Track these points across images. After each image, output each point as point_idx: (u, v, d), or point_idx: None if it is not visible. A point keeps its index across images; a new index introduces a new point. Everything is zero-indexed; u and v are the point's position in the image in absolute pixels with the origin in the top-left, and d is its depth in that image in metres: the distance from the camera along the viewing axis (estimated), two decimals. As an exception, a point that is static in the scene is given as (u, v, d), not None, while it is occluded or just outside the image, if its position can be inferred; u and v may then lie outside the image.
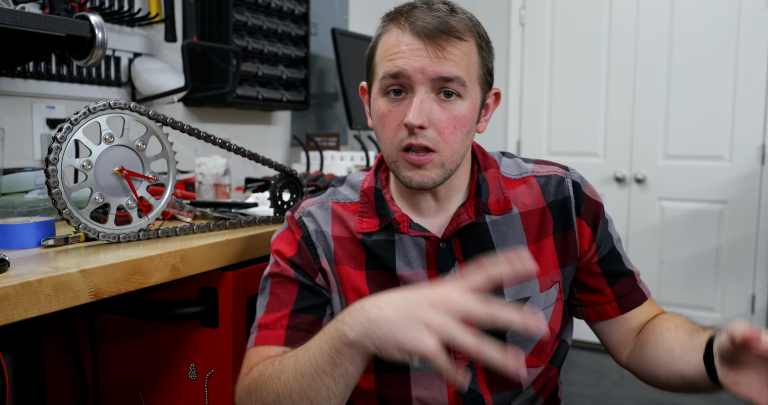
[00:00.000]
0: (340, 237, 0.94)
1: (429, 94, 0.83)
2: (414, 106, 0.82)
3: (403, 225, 0.91)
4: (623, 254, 0.98)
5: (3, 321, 0.69)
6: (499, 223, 0.92)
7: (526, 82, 3.42)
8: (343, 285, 0.92)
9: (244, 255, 1.09)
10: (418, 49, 0.82)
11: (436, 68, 0.81)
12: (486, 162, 0.96)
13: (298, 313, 0.90)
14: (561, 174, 0.96)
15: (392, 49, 0.84)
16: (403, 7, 0.87)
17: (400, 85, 0.84)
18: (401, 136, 0.84)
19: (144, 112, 1.01)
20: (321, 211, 0.96)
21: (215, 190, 1.46)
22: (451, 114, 0.84)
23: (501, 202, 0.93)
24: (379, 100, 0.87)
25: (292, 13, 2.01)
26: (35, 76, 1.39)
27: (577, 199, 0.94)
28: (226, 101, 1.75)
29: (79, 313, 1.19)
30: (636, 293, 0.97)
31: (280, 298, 0.91)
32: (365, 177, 0.98)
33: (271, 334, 0.89)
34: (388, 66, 0.83)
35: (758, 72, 2.91)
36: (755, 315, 3.00)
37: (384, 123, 0.86)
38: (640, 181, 3.17)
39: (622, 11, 3.16)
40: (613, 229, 0.98)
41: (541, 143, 3.39)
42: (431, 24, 0.82)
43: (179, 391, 1.10)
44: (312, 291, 0.92)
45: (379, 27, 0.89)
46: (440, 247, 0.91)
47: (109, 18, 1.53)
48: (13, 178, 1.18)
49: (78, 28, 1.09)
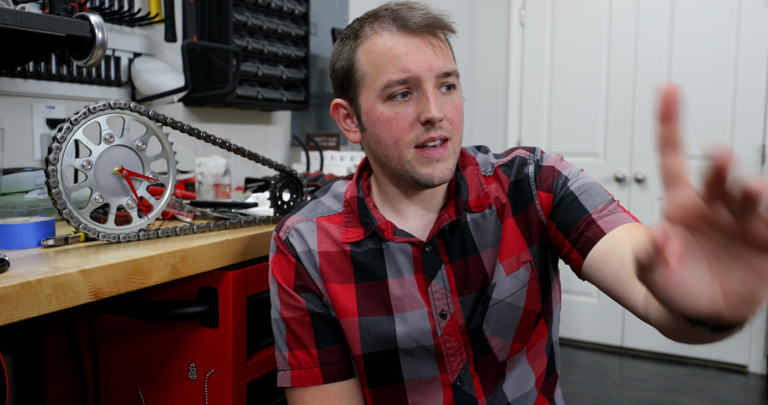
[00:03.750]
0: (327, 252, 0.94)
1: (435, 89, 0.84)
2: (431, 101, 0.82)
3: (387, 232, 0.91)
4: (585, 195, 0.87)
5: (3, 321, 0.69)
6: (479, 222, 0.92)
7: (526, 82, 3.42)
8: (334, 304, 0.93)
9: (244, 255, 1.09)
10: (420, 46, 0.82)
11: (440, 64, 0.83)
12: (464, 160, 0.96)
13: (324, 348, 0.93)
14: (524, 155, 0.95)
15: (391, 52, 0.83)
16: (378, 13, 0.86)
17: (407, 87, 0.83)
18: (415, 133, 0.84)
19: (144, 112, 1.01)
20: (306, 228, 0.95)
21: (215, 190, 1.46)
22: (453, 104, 0.86)
23: (481, 198, 0.92)
24: (378, 108, 0.85)
25: (292, 13, 2.01)
26: (35, 76, 1.39)
27: (536, 173, 0.92)
28: (226, 101, 1.75)
29: (79, 313, 1.19)
30: (590, 231, 0.83)
31: (301, 334, 0.93)
32: (348, 187, 0.98)
33: (308, 374, 0.92)
34: (394, 72, 0.82)
35: (758, 72, 2.91)
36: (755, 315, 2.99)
37: (391, 127, 0.85)
38: (640, 181, 3.17)
39: (622, 11, 3.16)
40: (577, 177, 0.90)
41: (541, 143, 3.39)
42: (425, 19, 0.83)
43: (179, 391, 1.10)
44: (324, 319, 0.94)
45: (349, 40, 0.87)
46: (425, 251, 0.91)
47: (109, 18, 1.53)
48: (13, 178, 1.18)
49: (78, 28, 1.09)
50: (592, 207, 0.86)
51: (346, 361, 0.94)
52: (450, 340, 0.90)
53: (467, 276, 0.91)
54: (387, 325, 0.91)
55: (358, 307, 0.92)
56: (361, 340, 0.92)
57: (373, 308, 0.91)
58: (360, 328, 0.92)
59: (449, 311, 0.90)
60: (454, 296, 0.90)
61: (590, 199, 0.87)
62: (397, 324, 0.91)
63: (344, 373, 0.94)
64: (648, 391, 2.78)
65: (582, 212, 0.86)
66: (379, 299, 0.91)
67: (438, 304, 0.90)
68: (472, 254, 0.91)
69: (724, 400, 2.70)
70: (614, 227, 0.82)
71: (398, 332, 0.91)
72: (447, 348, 0.91)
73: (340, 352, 0.94)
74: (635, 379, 2.94)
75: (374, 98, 0.85)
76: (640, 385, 2.85)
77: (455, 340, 0.90)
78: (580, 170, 0.93)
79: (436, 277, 0.90)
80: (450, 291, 0.90)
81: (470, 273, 0.90)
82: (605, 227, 0.82)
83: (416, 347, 0.91)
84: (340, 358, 0.94)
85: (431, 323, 0.90)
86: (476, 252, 0.91)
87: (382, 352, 0.92)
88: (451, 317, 0.90)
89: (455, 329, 0.90)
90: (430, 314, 0.90)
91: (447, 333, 0.90)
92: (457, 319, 0.90)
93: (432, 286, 0.91)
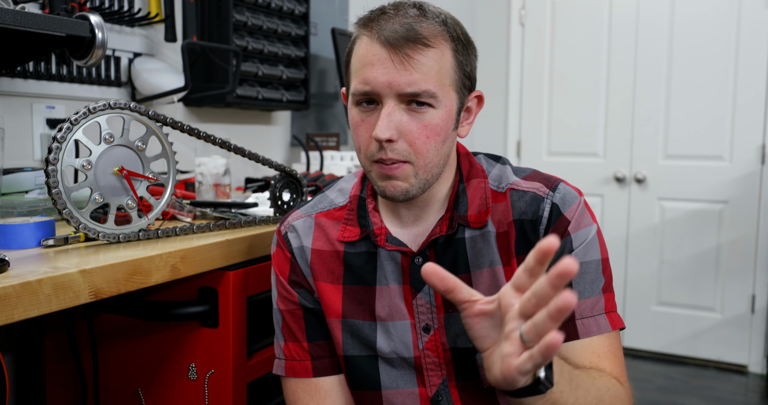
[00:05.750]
0: (320, 250, 0.94)
1: (398, 106, 0.80)
2: (381, 119, 0.79)
3: (380, 238, 0.90)
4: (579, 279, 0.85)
5: (3, 321, 0.69)
6: (477, 240, 0.88)
7: (526, 82, 3.42)
8: (321, 302, 0.93)
9: (244, 255, 1.09)
10: (385, 60, 0.79)
11: (403, 82, 0.78)
12: (471, 171, 0.91)
13: (314, 342, 0.94)
14: (542, 194, 0.88)
15: (362, 59, 0.82)
16: (374, 12, 0.84)
17: (371, 98, 0.82)
18: (372, 148, 0.82)
19: (144, 112, 1.01)
20: (304, 225, 0.96)
21: (215, 190, 1.46)
22: (422, 123, 0.81)
23: (482, 214, 0.88)
24: (353, 110, 0.85)
25: (292, 13, 2.01)
26: (35, 76, 1.39)
27: (550, 222, 0.86)
28: (226, 101, 1.75)
29: (79, 313, 1.19)
30: (565, 327, 0.83)
31: (293, 327, 0.95)
32: (355, 183, 0.97)
33: (299, 365, 0.94)
34: (358, 82, 0.81)
35: (758, 72, 2.91)
36: (755, 315, 3.00)
37: (357, 133, 0.85)
38: (640, 181, 3.17)
39: (622, 11, 3.16)
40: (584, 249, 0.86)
41: (541, 143, 3.39)
42: (398, 32, 0.78)
43: (179, 391, 1.10)
44: (315, 314, 0.94)
45: (354, 31, 0.86)
46: (414, 263, 0.89)
47: (109, 18, 1.53)
48: (13, 178, 1.18)
49: (78, 28, 1.09)
50: (579, 296, 0.85)
51: (335, 356, 0.95)
52: (431, 355, 0.89)
53: None
54: (369, 331, 0.90)
55: (342, 309, 0.92)
56: (342, 342, 0.92)
57: (357, 312, 0.91)
58: (342, 329, 0.92)
59: (433, 326, 0.88)
60: (440, 312, 0.88)
61: (582, 284, 0.85)
62: (378, 331, 0.90)
63: (334, 368, 0.94)
64: (648, 391, 2.78)
65: None
66: (365, 304, 0.91)
67: (422, 318, 0.89)
68: (463, 272, 0.88)
69: (724, 400, 2.70)
70: (589, 335, 0.84)
71: (379, 340, 0.90)
72: (427, 362, 0.89)
73: (330, 348, 0.94)
74: (635, 379, 2.94)
75: (351, 99, 0.85)
76: (640, 385, 2.85)
77: (436, 355, 0.89)
78: (594, 235, 0.87)
79: (422, 290, 0.89)
80: (436, 306, 0.88)
81: None
82: (581, 331, 0.84)
83: (396, 358, 0.90)
84: (330, 353, 0.94)
85: (413, 336, 0.89)
86: (467, 271, 0.88)
87: (362, 357, 0.92)
88: (434, 333, 0.88)
89: (437, 345, 0.88)
90: (413, 327, 0.89)
91: (428, 348, 0.89)
92: (440, 336, 0.88)
93: (417, 299, 0.89)
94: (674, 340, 3.16)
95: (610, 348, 0.84)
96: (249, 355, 1.12)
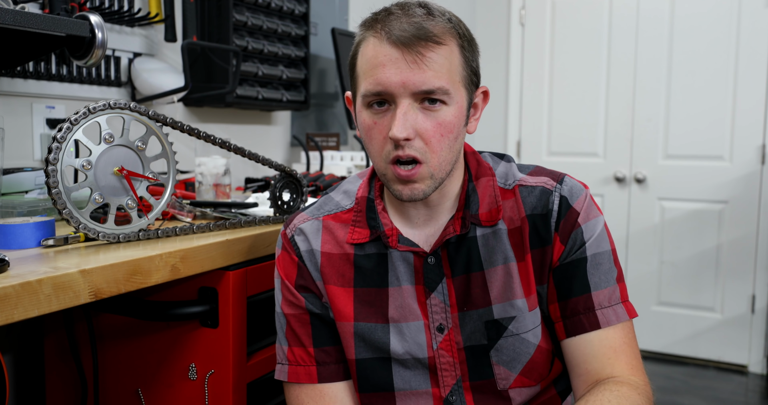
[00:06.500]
0: (329, 253, 0.93)
1: (413, 104, 0.81)
2: (397, 118, 0.79)
3: (392, 239, 0.90)
4: (594, 270, 0.87)
5: (3, 321, 0.69)
6: (488, 238, 0.89)
7: (526, 82, 3.42)
8: (332, 306, 0.93)
9: (244, 255, 1.09)
10: (397, 60, 0.79)
11: (417, 80, 0.79)
12: (479, 170, 0.92)
13: (320, 348, 0.93)
14: (549, 187, 0.90)
15: (371, 61, 0.81)
16: (379, 14, 0.84)
17: (383, 99, 0.82)
18: (388, 148, 0.82)
19: (144, 112, 1.01)
20: (311, 227, 0.95)
21: (215, 190, 1.46)
22: (436, 121, 0.81)
23: (493, 212, 0.89)
24: (363, 113, 0.85)
25: (292, 13, 2.01)
26: (35, 76, 1.39)
27: (560, 214, 0.88)
28: (226, 101, 1.75)
29: (79, 313, 1.19)
30: (587, 318, 0.86)
31: (299, 332, 0.94)
32: (360, 184, 0.97)
33: (303, 371, 0.93)
34: (370, 83, 0.81)
35: (758, 72, 2.91)
36: (755, 315, 3.00)
37: (370, 136, 0.84)
38: (640, 181, 3.17)
39: (622, 11, 3.16)
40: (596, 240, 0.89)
41: (541, 143, 3.39)
42: (408, 31, 0.79)
43: (179, 391, 1.10)
44: (322, 319, 0.94)
45: (358, 34, 0.86)
46: (427, 263, 0.89)
47: (109, 18, 1.53)
48: (13, 178, 1.18)
49: (78, 28, 1.09)
50: (596, 286, 0.87)
51: (342, 362, 0.94)
52: (445, 355, 0.89)
53: (468, 292, 0.89)
54: (381, 333, 0.90)
55: (354, 312, 0.91)
56: (354, 345, 0.91)
57: (369, 315, 0.91)
58: (354, 333, 0.91)
59: (447, 326, 0.89)
60: (454, 311, 0.89)
61: (597, 275, 0.88)
62: (392, 334, 0.90)
63: (340, 374, 0.94)
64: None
65: (585, 288, 0.87)
66: (377, 306, 0.91)
67: (436, 317, 0.89)
68: (476, 270, 0.88)
69: (724, 400, 2.70)
70: (610, 324, 0.86)
71: (392, 342, 0.90)
72: (441, 362, 0.90)
73: (336, 353, 0.94)
74: (635, 379, 2.93)
75: (360, 102, 0.85)
76: (640, 385, 2.84)
77: (450, 355, 0.89)
78: (602, 228, 0.89)
79: (436, 290, 0.89)
80: (450, 306, 0.89)
81: (472, 290, 0.89)
82: (602, 321, 0.86)
83: (409, 359, 0.90)
84: (336, 359, 0.94)
85: (427, 336, 0.89)
86: (481, 269, 0.88)
87: (374, 359, 0.91)
88: (448, 332, 0.89)
89: (451, 344, 0.89)
90: (427, 327, 0.89)
91: (443, 348, 0.89)
92: (454, 335, 0.89)
93: (431, 299, 0.89)
94: (674, 340, 3.16)
95: (624, 339, 0.86)
96: (249, 355, 1.12)
